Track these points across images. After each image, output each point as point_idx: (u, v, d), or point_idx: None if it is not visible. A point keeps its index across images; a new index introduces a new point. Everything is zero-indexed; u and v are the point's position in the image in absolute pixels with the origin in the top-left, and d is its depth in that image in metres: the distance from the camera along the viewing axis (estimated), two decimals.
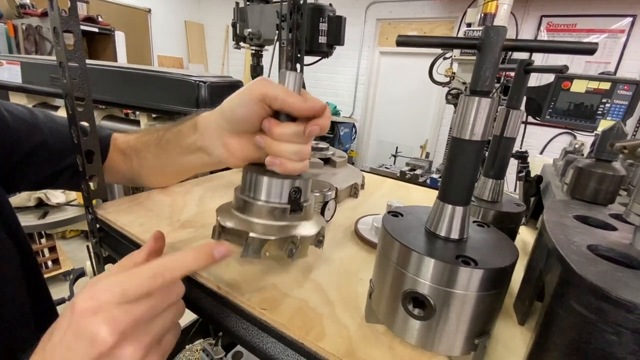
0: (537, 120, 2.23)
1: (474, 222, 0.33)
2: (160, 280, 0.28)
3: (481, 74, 0.25)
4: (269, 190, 0.35)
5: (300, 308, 0.33)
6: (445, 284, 0.25)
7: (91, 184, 0.49)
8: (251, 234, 0.34)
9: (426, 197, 0.71)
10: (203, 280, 0.37)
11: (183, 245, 0.44)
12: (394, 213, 0.32)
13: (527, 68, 0.40)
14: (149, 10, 5.35)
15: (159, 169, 0.54)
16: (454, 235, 0.28)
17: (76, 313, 0.25)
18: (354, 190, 0.66)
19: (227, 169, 0.72)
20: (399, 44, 0.26)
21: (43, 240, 2.24)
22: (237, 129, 0.39)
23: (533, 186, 0.51)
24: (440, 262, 0.25)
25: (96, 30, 3.36)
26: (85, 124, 0.47)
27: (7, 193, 0.50)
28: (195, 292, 0.38)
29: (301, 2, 0.85)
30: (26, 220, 1.09)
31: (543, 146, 3.64)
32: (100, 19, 3.48)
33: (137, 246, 0.45)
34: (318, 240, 0.38)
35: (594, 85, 1.35)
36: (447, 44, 0.26)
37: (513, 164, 0.57)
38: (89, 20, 3.34)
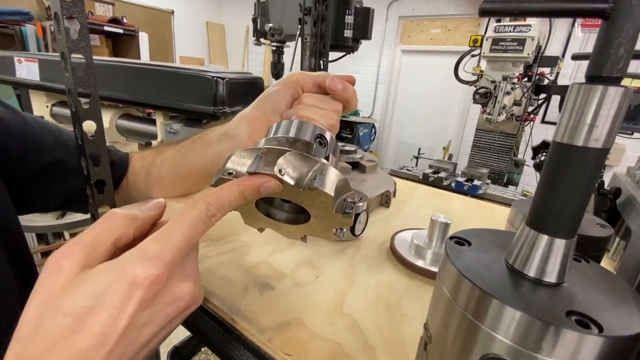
0: None
1: None
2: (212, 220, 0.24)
3: (611, 52, 0.17)
4: (289, 128, 0.30)
5: (333, 355, 0.26)
6: (544, 351, 0.18)
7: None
8: (266, 145, 0.27)
9: (467, 209, 0.62)
10: (216, 310, 0.31)
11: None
12: (457, 239, 0.25)
13: None
14: (172, 12, 5.44)
15: (169, 172, 0.49)
16: (550, 277, 0.21)
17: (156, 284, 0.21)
18: (385, 199, 0.59)
19: None
20: (482, 13, 0.19)
21: (67, 237, 2.28)
22: (269, 107, 0.39)
23: (608, 200, 0.42)
24: (540, 321, 0.18)
25: (121, 31, 3.42)
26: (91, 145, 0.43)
27: (17, 213, 0.45)
28: (205, 322, 0.32)
29: None
30: (44, 221, 1.08)
31: None
32: (125, 20, 3.55)
33: None
34: (346, 205, 0.27)
35: (637, 84, 1.21)
36: (551, 11, 0.18)
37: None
38: (114, 21, 3.40)
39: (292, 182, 0.25)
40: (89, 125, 0.44)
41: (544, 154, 0.50)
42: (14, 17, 2.86)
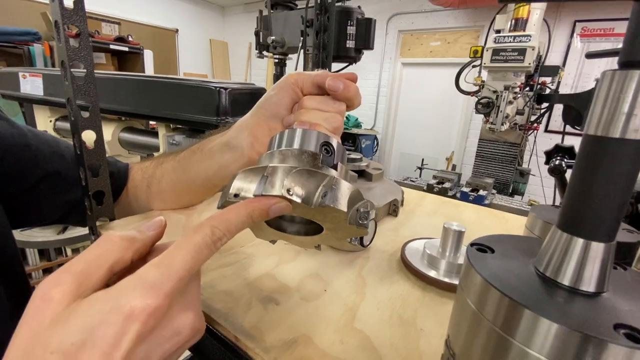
0: (577, 129, 2.06)
1: None
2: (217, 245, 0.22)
3: None
4: (292, 138, 0.28)
5: None
6: None
7: None
8: (271, 164, 0.25)
9: (478, 217, 0.60)
10: (217, 327, 0.29)
11: None
12: (479, 246, 0.23)
13: None
14: (177, 30, 5.58)
15: (171, 185, 0.48)
16: (587, 286, 0.18)
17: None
18: (393, 208, 0.57)
19: None
20: None
21: (69, 253, 2.26)
22: (269, 113, 0.38)
23: (629, 205, 0.40)
24: (582, 335, 0.16)
25: (126, 49, 3.50)
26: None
27: (13, 227, 0.43)
28: (206, 340, 0.30)
29: (329, 1, 0.79)
30: (45, 236, 1.06)
31: None
32: (130, 39, 3.63)
33: None
34: (360, 216, 0.25)
35: None
36: None
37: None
38: (120, 40, 3.48)
39: (301, 201, 0.23)
40: (88, 136, 0.43)
41: (559, 157, 0.48)
42: (23, 38, 2.93)
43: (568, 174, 0.45)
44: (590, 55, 0.31)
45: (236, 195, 0.24)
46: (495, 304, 0.19)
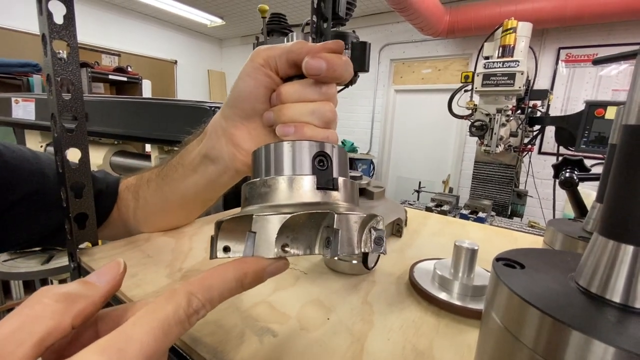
0: (571, 150, 2.07)
1: None
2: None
3: None
4: (279, 158, 0.23)
5: None
6: None
7: None
8: (257, 214, 0.20)
9: (486, 235, 0.57)
10: None
11: None
12: (506, 261, 0.20)
13: None
14: (175, 62, 5.75)
15: (159, 204, 0.44)
16: None
17: None
18: (397, 228, 0.54)
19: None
20: None
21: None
22: (243, 112, 0.32)
23: None
24: None
25: (125, 79, 3.57)
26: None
27: None
28: None
29: (324, 26, 0.80)
30: (28, 266, 1.00)
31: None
32: (129, 69, 3.71)
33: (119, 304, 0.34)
34: (376, 237, 0.21)
35: None
36: None
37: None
38: (119, 70, 3.56)
39: (302, 255, 0.20)
40: (74, 154, 0.41)
41: (568, 170, 0.47)
42: (24, 69, 2.98)
43: (579, 187, 0.43)
44: (597, 62, 0.29)
45: (226, 249, 0.21)
46: (536, 326, 0.16)
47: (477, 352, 0.20)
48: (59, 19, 0.37)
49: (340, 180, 0.23)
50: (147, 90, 3.90)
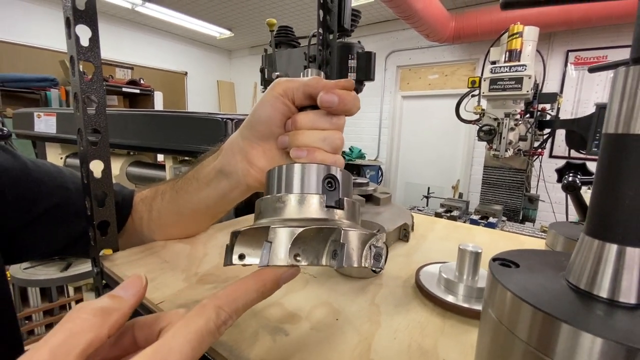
0: (582, 153, 2.04)
1: None
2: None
3: None
4: (293, 177, 0.26)
5: None
6: None
7: None
8: (273, 226, 0.23)
9: (492, 240, 0.58)
10: None
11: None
12: (502, 261, 0.21)
13: None
14: (186, 73, 5.90)
15: (172, 216, 0.47)
16: (627, 297, 0.17)
17: None
18: (403, 233, 0.55)
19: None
20: (504, 6, 0.18)
21: (71, 294, 2.21)
22: (260, 134, 0.35)
23: None
24: (632, 348, 0.14)
25: (137, 91, 3.68)
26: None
27: (6, 263, 0.42)
28: None
29: (330, 38, 0.83)
30: (47, 274, 1.04)
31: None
32: (142, 82, 3.83)
33: (143, 308, 0.36)
34: (376, 253, 0.24)
35: None
36: None
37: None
38: (132, 83, 3.68)
39: (310, 264, 0.23)
40: (96, 166, 0.44)
41: (571, 174, 0.47)
42: (41, 84, 3.12)
43: (582, 191, 0.44)
44: (592, 70, 0.31)
45: (241, 257, 0.23)
46: (529, 321, 0.17)
47: (476, 347, 0.22)
48: (84, 41, 0.40)
49: (345, 200, 0.26)
50: (158, 101, 4.01)
